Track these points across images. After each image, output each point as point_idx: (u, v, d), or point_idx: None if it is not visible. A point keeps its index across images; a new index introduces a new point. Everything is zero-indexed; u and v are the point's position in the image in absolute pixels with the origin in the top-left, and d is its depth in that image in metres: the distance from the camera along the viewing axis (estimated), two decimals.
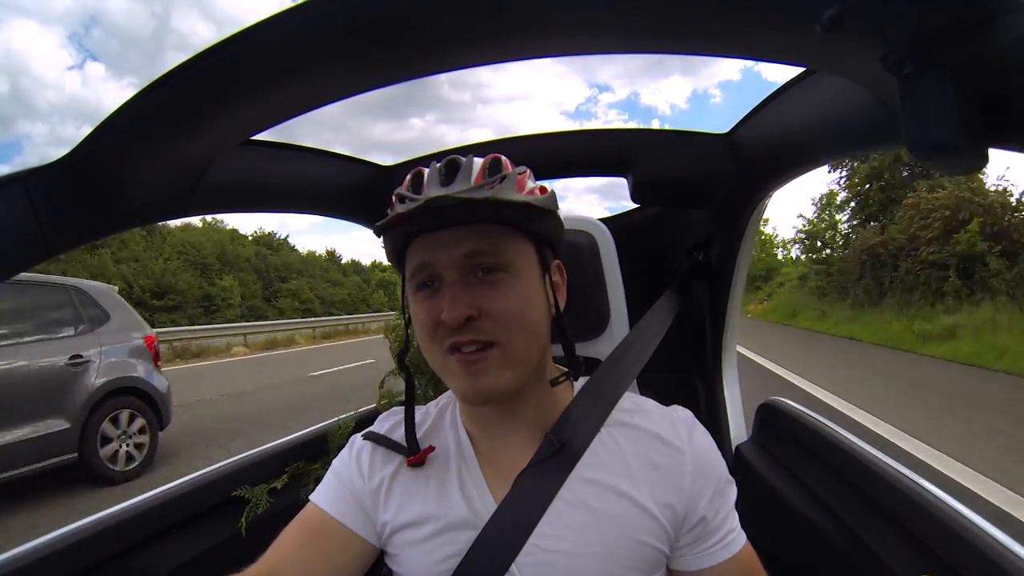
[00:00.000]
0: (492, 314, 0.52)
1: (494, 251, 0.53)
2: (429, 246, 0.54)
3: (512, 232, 0.54)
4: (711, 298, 1.19)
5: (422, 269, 0.54)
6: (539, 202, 0.55)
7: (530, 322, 0.54)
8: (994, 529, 0.60)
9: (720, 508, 0.57)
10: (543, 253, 0.57)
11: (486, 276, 0.53)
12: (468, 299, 0.52)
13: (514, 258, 0.54)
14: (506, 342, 0.52)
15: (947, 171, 0.46)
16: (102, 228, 0.66)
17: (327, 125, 68.28)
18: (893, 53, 0.37)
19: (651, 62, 75.43)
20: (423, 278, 0.54)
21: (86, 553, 0.73)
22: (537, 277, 0.56)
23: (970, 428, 4.29)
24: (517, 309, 0.53)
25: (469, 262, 0.52)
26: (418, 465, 0.60)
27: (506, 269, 0.53)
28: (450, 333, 0.52)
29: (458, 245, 0.52)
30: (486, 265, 0.53)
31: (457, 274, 0.52)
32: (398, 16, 0.42)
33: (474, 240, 0.52)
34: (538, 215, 0.55)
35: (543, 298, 0.56)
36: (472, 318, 0.51)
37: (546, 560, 0.54)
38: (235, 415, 5.91)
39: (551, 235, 0.59)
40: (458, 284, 0.52)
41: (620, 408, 0.62)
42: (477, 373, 0.53)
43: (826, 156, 0.75)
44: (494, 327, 0.52)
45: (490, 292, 0.52)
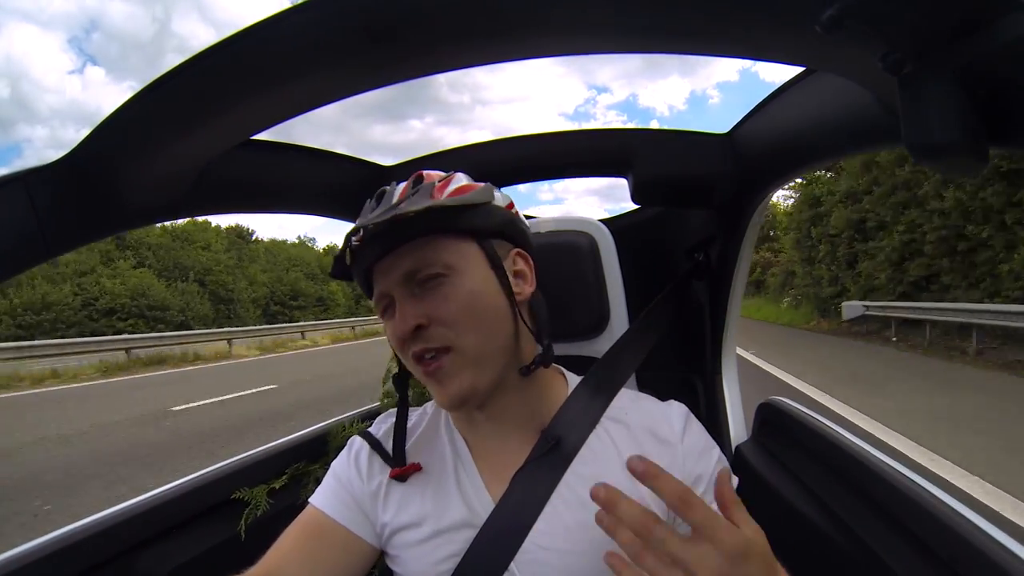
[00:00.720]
0: (441, 319, 0.53)
1: (427, 262, 0.54)
2: (379, 275, 0.57)
3: (445, 237, 0.55)
4: (711, 298, 1.19)
5: (381, 298, 0.57)
6: (455, 201, 0.56)
7: (482, 317, 0.55)
8: (994, 529, 0.60)
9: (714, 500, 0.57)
10: (487, 246, 0.57)
11: (428, 284, 0.54)
12: (414, 310, 0.53)
13: (452, 260, 0.55)
14: (460, 343, 0.54)
15: (947, 171, 0.46)
16: (102, 228, 0.66)
17: (327, 127, 68.52)
18: (893, 53, 0.37)
19: (649, 63, 75.94)
20: (383, 305, 0.57)
21: (85, 553, 0.73)
22: (485, 271, 0.56)
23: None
24: (464, 308, 0.54)
25: (411, 279, 0.54)
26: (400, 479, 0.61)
27: (444, 273, 0.54)
28: (410, 344, 0.54)
29: (397, 267, 0.55)
30: (423, 277, 0.54)
31: (402, 292, 0.55)
32: (398, 16, 0.42)
33: (408, 258, 0.54)
34: (463, 212, 0.56)
35: (496, 291, 0.57)
36: (422, 326, 0.53)
37: (544, 558, 0.54)
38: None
39: (493, 227, 0.58)
40: (404, 299, 0.54)
41: (615, 405, 0.63)
42: (441, 380, 0.54)
43: (826, 156, 0.75)
44: (445, 331, 0.53)
45: (434, 299, 0.54)
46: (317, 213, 1.04)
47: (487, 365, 0.55)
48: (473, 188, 0.59)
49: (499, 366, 0.56)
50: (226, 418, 5.91)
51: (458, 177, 0.60)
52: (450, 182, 0.59)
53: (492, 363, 0.56)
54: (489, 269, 0.57)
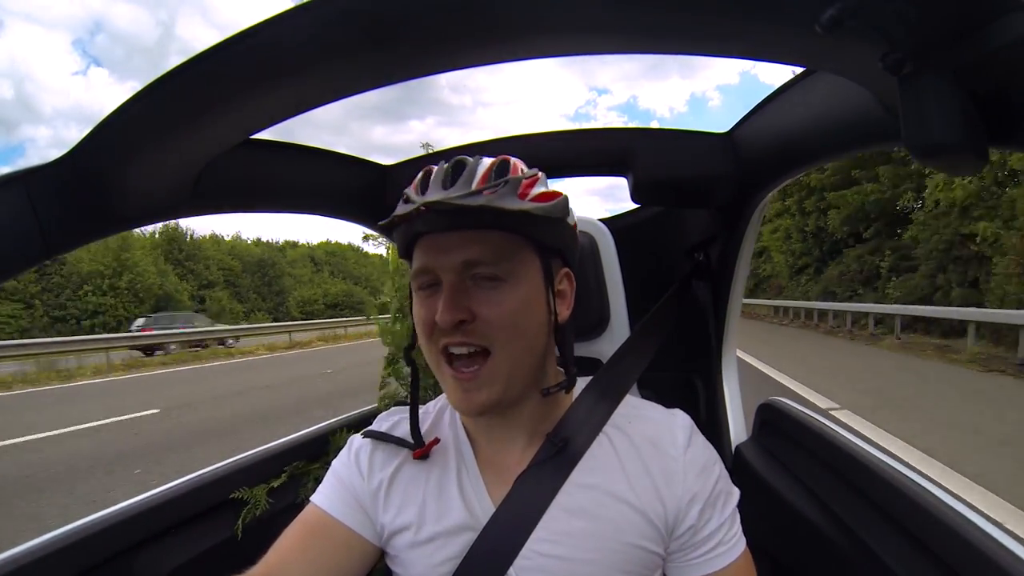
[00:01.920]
0: (487, 319, 0.52)
1: (493, 260, 0.52)
2: (431, 249, 0.54)
3: (514, 239, 0.54)
4: (712, 298, 1.19)
5: (423, 272, 0.54)
6: (541, 210, 0.53)
7: (525, 331, 0.54)
8: (994, 529, 0.60)
9: (711, 519, 0.56)
10: (547, 262, 0.56)
11: (483, 283, 0.53)
12: (463, 303, 0.51)
13: (514, 267, 0.53)
14: (499, 349, 0.52)
15: (947, 171, 0.46)
16: (102, 228, 0.66)
17: (328, 127, 68.54)
18: (893, 53, 0.37)
19: (650, 65, 75.92)
20: (425, 280, 0.54)
21: (85, 553, 0.73)
22: (539, 286, 0.55)
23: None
24: (512, 317, 0.52)
25: (468, 269, 0.52)
26: (423, 458, 0.60)
27: (504, 278, 0.53)
28: (442, 335, 0.52)
29: (458, 251, 0.52)
30: (484, 274, 0.52)
31: (455, 278, 0.52)
32: (397, 16, 0.42)
33: (474, 248, 0.52)
34: (541, 223, 0.54)
35: (543, 307, 0.55)
36: (464, 321, 0.51)
37: (543, 564, 0.54)
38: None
39: (558, 244, 0.57)
40: (454, 288, 0.52)
41: (619, 412, 0.62)
42: (469, 389, 0.53)
43: (826, 156, 0.75)
44: (487, 332, 0.52)
45: (486, 297, 0.52)
46: (317, 213, 1.04)
47: (516, 379, 0.54)
48: (555, 197, 0.56)
49: (527, 381, 0.56)
50: (43, 463, 4.36)
51: (542, 179, 0.58)
52: (536, 183, 0.56)
53: (521, 378, 0.55)
54: (542, 284, 0.55)
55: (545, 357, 0.58)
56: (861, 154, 0.73)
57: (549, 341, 0.57)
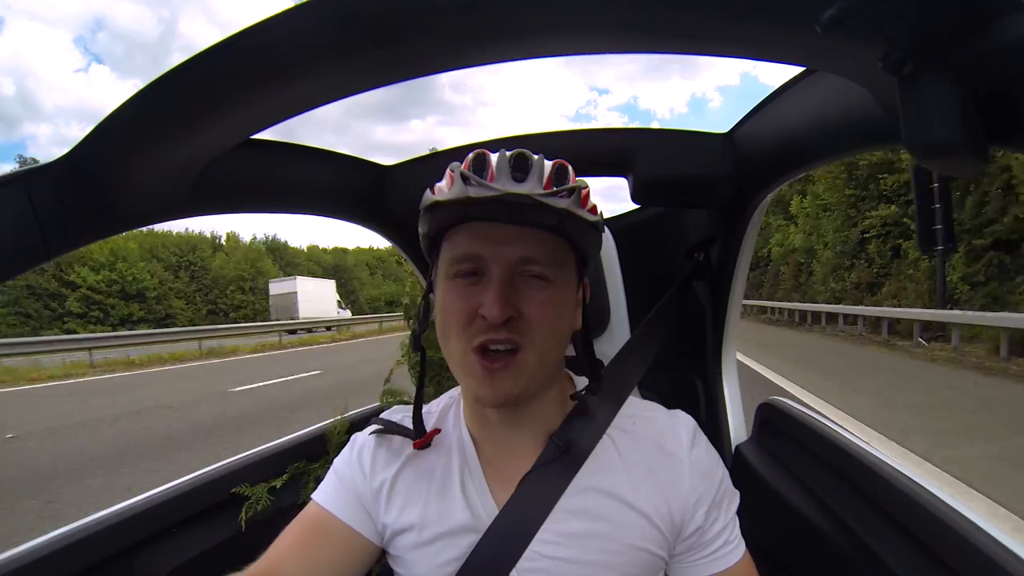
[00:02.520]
0: (531, 318, 0.52)
1: (548, 261, 0.53)
2: (481, 237, 0.53)
3: (564, 245, 0.55)
4: (711, 298, 1.19)
5: (468, 259, 0.53)
6: (600, 226, 0.56)
7: (559, 333, 0.55)
8: (994, 529, 0.60)
9: (717, 519, 0.57)
10: (582, 270, 0.59)
11: (531, 281, 0.53)
12: (513, 299, 0.52)
13: (560, 272, 0.55)
14: (532, 348, 0.53)
15: (947, 171, 0.46)
16: (102, 228, 0.66)
17: (329, 127, 68.57)
18: (893, 53, 0.37)
19: (650, 65, 75.91)
20: (469, 267, 0.53)
21: (86, 553, 0.73)
22: (573, 291, 0.57)
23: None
24: (552, 319, 0.54)
25: (520, 266, 0.53)
26: (425, 447, 0.60)
27: (551, 280, 0.54)
28: (485, 330, 0.52)
29: (515, 245, 0.52)
30: (536, 273, 0.53)
31: (506, 273, 0.52)
32: (398, 16, 0.42)
33: (532, 245, 0.52)
34: (592, 235, 0.56)
35: (573, 312, 0.58)
36: (512, 318, 0.51)
37: (546, 566, 0.54)
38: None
39: (592, 254, 0.60)
40: (505, 283, 0.52)
41: (622, 414, 0.62)
42: (496, 379, 0.52)
43: (826, 156, 0.75)
44: (527, 330, 0.52)
45: (533, 297, 0.53)
46: (317, 213, 1.04)
47: (542, 376, 0.56)
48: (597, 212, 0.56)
49: (546, 380, 0.58)
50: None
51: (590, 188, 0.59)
52: (589, 195, 0.56)
53: (544, 376, 0.56)
54: (575, 291, 0.58)
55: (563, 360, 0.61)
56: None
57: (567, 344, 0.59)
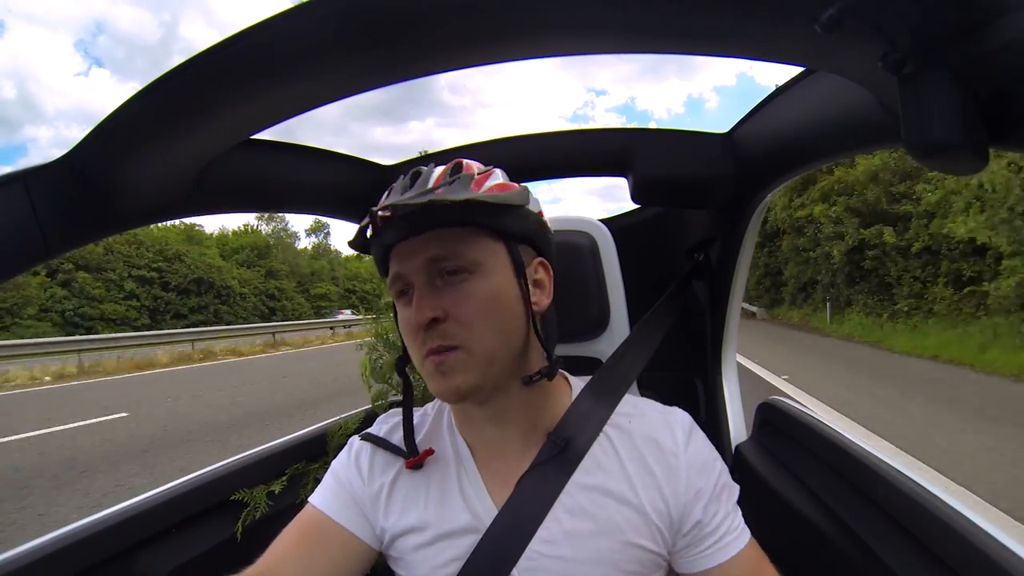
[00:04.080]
0: (458, 316, 0.52)
1: (455, 254, 0.53)
2: (399, 256, 0.55)
3: (477, 232, 0.54)
4: (711, 299, 1.19)
5: (397, 279, 0.55)
6: (491, 198, 0.54)
7: (498, 322, 0.54)
8: (994, 529, 0.60)
9: (717, 512, 0.57)
10: (515, 250, 0.56)
11: (451, 278, 0.53)
12: (433, 302, 0.52)
13: (479, 258, 0.54)
14: (471, 344, 0.53)
15: (947, 171, 0.46)
16: (102, 228, 0.66)
17: (328, 128, 68.55)
18: (893, 53, 0.37)
19: (647, 67, 75.88)
20: (399, 288, 0.56)
21: (85, 553, 0.73)
22: (509, 276, 0.56)
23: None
24: (484, 308, 0.53)
25: (434, 267, 0.53)
26: (417, 467, 0.60)
27: (470, 270, 0.53)
28: (424, 339, 0.53)
29: (422, 252, 0.53)
30: (449, 268, 0.53)
31: (423, 279, 0.53)
32: (398, 16, 0.42)
33: (436, 245, 0.53)
34: (499, 211, 0.55)
35: (517, 298, 0.56)
36: (438, 319, 0.52)
37: (546, 566, 0.54)
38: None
39: (523, 231, 0.58)
40: (423, 288, 0.53)
41: (618, 411, 0.62)
42: (444, 373, 0.53)
43: (826, 156, 0.75)
44: (459, 329, 0.52)
45: (455, 294, 0.53)
46: (317, 213, 1.04)
47: (493, 368, 0.54)
48: (511, 188, 0.58)
49: (505, 371, 0.56)
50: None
51: (496, 173, 0.59)
52: (489, 176, 0.58)
53: (498, 367, 0.55)
54: (512, 274, 0.56)
55: (527, 348, 0.58)
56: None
57: (528, 332, 0.57)
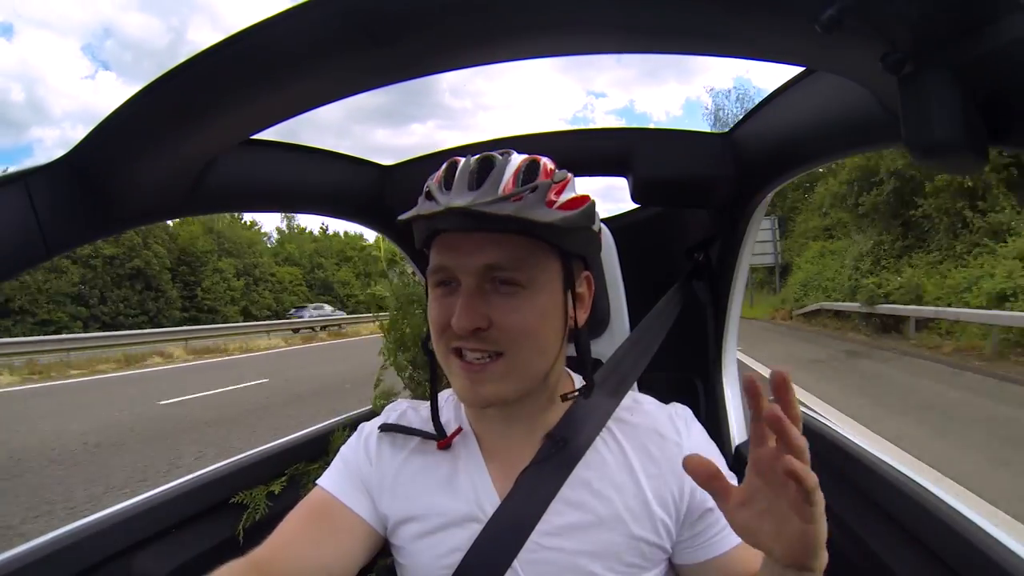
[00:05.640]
0: (503, 327, 0.51)
1: (515, 266, 0.51)
2: (450, 248, 0.53)
3: (539, 246, 0.53)
4: (711, 298, 1.19)
5: (440, 270, 0.54)
6: (568, 221, 0.52)
7: (541, 338, 0.53)
8: (996, 530, 0.60)
9: None
10: (569, 267, 0.56)
11: (502, 287, 0.52)
12: (481, 309, 0.51)
13: (536, 274, 0.53)
14: (514, 354, 0.52)
15: (947, 171, 0.46)
16: (102, 228, 0.66)
17: (330, 130, 68.46)
18: (893, 53, 0.37)
19: (646, 70, 75.54)
20: (441, 278, 0.54)
21: (85, 553, 0.73)
22: (558, 292, 0.55)
23: None
24: (530, 325, 0.52)
25: (488, 272, 0.52)
26: (446, 448, 0.60)
27: (525, 285, 0.52)
28: (454, 338, 0.52)
29: (479, 254, 0.51)
30: (504, 279, 0.52)
31: (474, 282, 0.52)
32: (398, 16, 0.42)
33: (496, 252, 0.51)
34: (569, 233, 0.53)
35: (560, 313, 0.55)
36: (481, 329, 0.51)
37: (547, 557, 0.54)
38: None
39: (583, 250, 0.57)
40: (473, 293, 0.51)
41: (620, 406, 0.63)
42: (478, 381, 0.53)
43: (826, 156, 0.75)
44: (503, 339, 0.51)
45: (504, 305, 0.52)
46: (317, 212, 1.04)
47: (525, 380, 0.54)
48: (582, 203, 0.54)
49: (535, 382, 0.56)
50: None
51: (572, 182, 0.57)
52: (565, 186, 0.55)
53: (530, 379, 0.55)
54: (562, 291, 0.55)
55: (557, 360, 0.58)
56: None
57: (563, 344, 0.57)
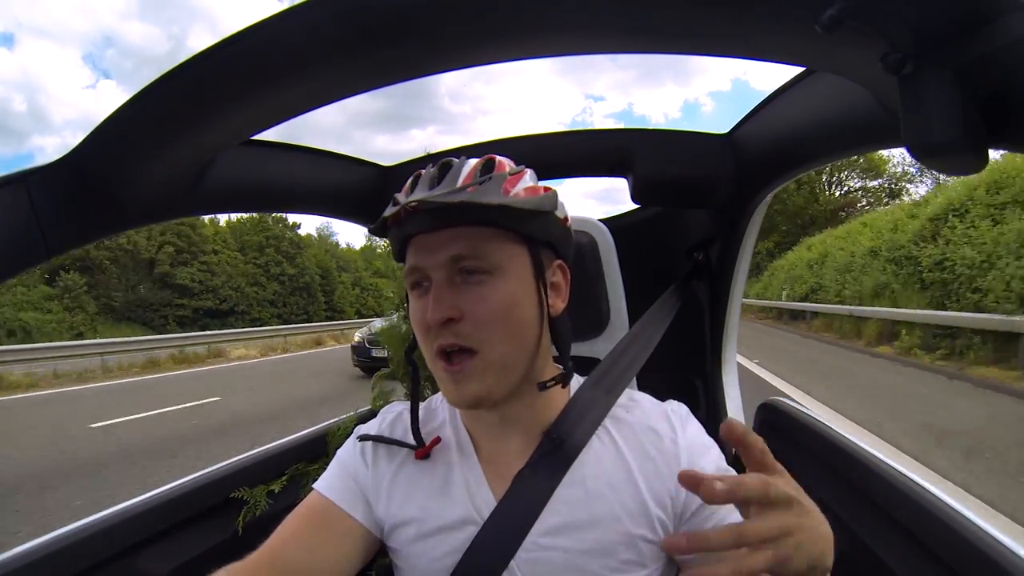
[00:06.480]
0: (474, 316, 0.52)
1: (478, 254, 0.53)
2: (420, 248, 0.55)
3: (502, 234, 0.54)
4: (711, 298, 1.19)
5: (413, 271, 0.55)
6: (523, 203, 0.54)
7: (515, 325, 0.54)
8: (994, 529, 0.60)
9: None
10: (537, 254, 0.57)
11: (470, 278, 0.53)
12: (450, 300, 0.52)
13: (501, 260, 0.54)
14: (487, 348, 0.53)
15: (947, 171, 0.46)
16: (102, 228, 0.66)
17: (330, 135, 68.37)
18: (893, 53, 0.37)
19: (645, 72, 75.64)
20: (414, 279, 0.56)
21: (86, 553, 0.73)
22: (528, 279, 0.56)
23: None
24: (500, 312, 0.53)
25: (454, 265, 0.53)
26: (425, 458, 0.60)
27: (491, 272, 0.53)
28: (436, 335, 0.53)
29: (445, 248, 0.53)
30: (469, 268, 0.53)
31: (443, 276, 0.53)
32: (397, 16, 0.42)
33: (460, 243, 0.53)
34: (526, 216, 0.55)
35: (533, 301, 0.56)
36: (453, 319, 0.52)
37: (545, 557, 0.54)
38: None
39: (547, 236, 0.58)
40: (442, 286, 0.53)
41: (616, 404, 0.63)
42: (459, 381, 0.53)
43: (826, 156, 0.75)
44: (475, 330, 0.52)
45: (473, 294, 0.53)
46: (317, 213, 1.04)
47: (507, 374, 0.55)
48: (541, 191, 0.57)
49: (518, 376, 0.56)
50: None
51: (528, 174, 0.58)
52: (521, 178, 0.57)
53: (513, 372, 0.55)
54: (532, 278, 0.56)
55: (538, 351, 0.58)
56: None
57: (542, 335, 0.58)
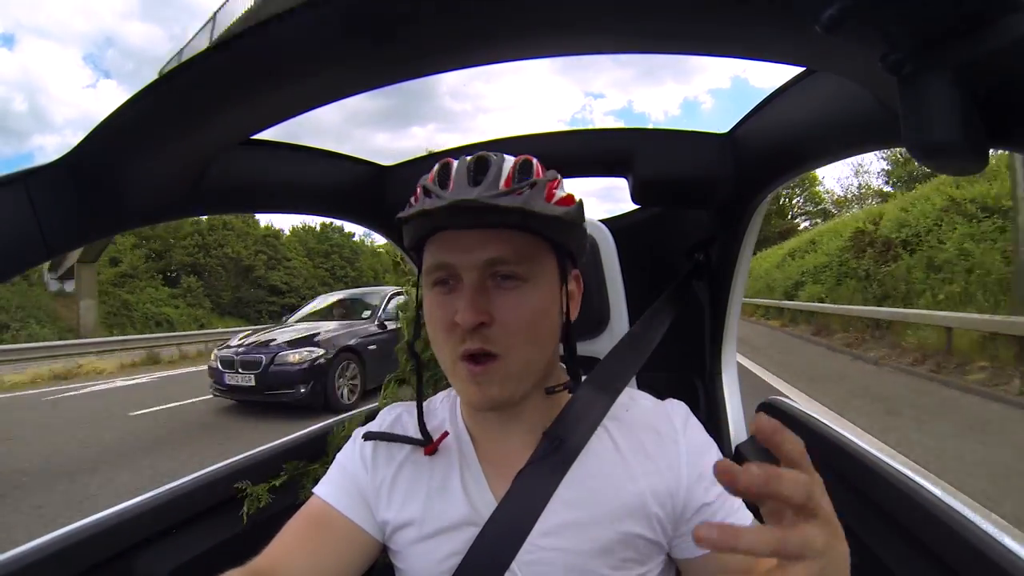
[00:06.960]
0: (504, 322, 0.52)
1: (516, 260, 0.52)
2: (450, 245, 0.53)
3: (537, 241, 0.54)
4: (711, 298, 1.19)
5: (440, 268, 0.54)
6: (569, 216, 0.54)
7: (540, 333, 0.54)
8: (994, 529, 0.60)
9: (720, 493, 0.57)
10: (564, 264, 0.57)
11: (504, 283, 0.53)
12: (483, 305, 0.51)
13: (535, 269, 0.54)
14: (512, 354, 0.53)
15: (946, 171, 0.46)
16: (102, 228, 0.66)
17: (331, 135, 68.34)
18: (893, 53, 0.37)
19: (644, 71, 75.76)
20: (440, 276, 0.54)
21: (86, 553, 0.73)
22: (555, 288, 0.56)
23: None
24: (529, 320, 0.53)
25: (489, 268, 0.52)
26: (431, 455, 0.60)
27: (525, 279, 0.53)
28: (462, 338, 0.52)
29: (481, 249, 0.52)
30: (505, 273, 0.52)
31: (476, 278, 0.52)
32: (397, 15, 0.42)
33: (498, 246, 0.52)
34: (565, 227, 0.55)
35: (557, 308, 0.56)
36: (484, 324, 0.51)
37: (545, 557, 0.54)
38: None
39: (575, 247, 0.58)
40: (476, 288, 0.52)
41: (616, 403, 0.63)
42: (481, 383, 0.53)
43: (826, 156, 0.75)
44: (503, 337, 0.52)
45: (505, 300, 0.52)
46: (317, 213, 1.04)
47: (526, 379, 0.55)
48: (574, 202, 0.57)
49: (536, 381, 0.57)
50: None
51: (563, 183, 0.59)
52: (558, 184, 0.57)
53: (531, 377, 0.56)
54: (558, 287, 0.56)
55: (554, 356, 0.59)
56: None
57: (558, 340, 0.59)
